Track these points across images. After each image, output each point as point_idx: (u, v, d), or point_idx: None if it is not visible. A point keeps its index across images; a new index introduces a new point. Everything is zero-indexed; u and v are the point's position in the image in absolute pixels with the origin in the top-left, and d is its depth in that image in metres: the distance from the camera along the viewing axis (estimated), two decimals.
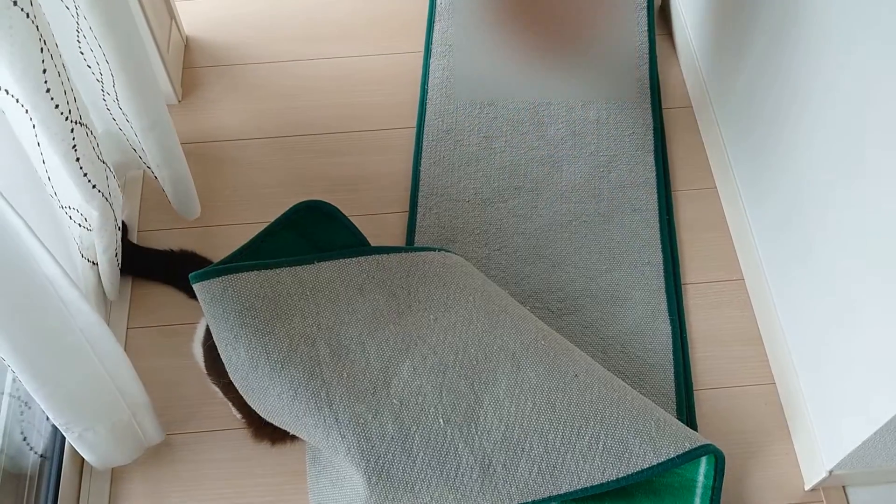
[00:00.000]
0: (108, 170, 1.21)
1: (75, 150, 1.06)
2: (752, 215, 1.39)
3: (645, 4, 1.75)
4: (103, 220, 1.19)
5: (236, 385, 1.19)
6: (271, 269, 1.24)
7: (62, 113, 1.01)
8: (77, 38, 1.21)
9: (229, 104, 1.67)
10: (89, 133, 1.11)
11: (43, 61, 0.94)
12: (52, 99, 0.98)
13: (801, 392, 1.24)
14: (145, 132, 1.29)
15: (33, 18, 0.91)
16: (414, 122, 1.63)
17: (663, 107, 1.64)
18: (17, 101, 1.06)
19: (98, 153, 1.16)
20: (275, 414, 1.18)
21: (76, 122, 1.05)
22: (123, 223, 1.41)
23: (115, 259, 1.30)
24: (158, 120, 1.29)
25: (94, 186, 1.12)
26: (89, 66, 1.26)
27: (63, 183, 1.22)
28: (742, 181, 1.43)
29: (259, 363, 1.16)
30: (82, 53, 1.23)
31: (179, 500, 1.24)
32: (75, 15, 1.14)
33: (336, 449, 1.12)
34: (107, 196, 1.18)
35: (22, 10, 0.89)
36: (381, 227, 1.49)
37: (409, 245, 1.47)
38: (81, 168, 1.08)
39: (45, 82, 0.96)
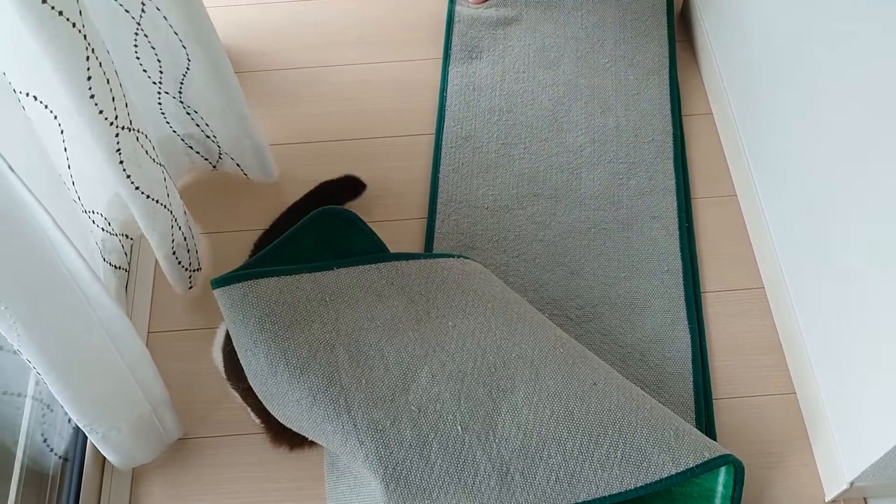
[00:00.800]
0: (164, 171, 1.23)
1: (119, 154, 1.08)
2: (772, 223, 1.39)
3: (665, 11, 1.75)
4: (148, 219, 1.20)
5: (255, 391, 1.20)
6: (291, 275, 1.25)
7: (107, 118, 1.03)
8: (135, 42, 1.23)
9: (253, 110, 1.68)
10: (140, 137, 1.13)
11: (88, 69, 0.96)
12: (96, 105, 1.00)
13: (821, 402, 1.23)
14: (224, 111, 1.33)
15: (80, 27, 0.93)
16: (433, 129, 1.64)
17: (683, 114, 1.64)
18: (46, 107, 1.08)
19: (153, 156, 1.18)
20: (294, 420, 1.19)
21: (122, 127, 1.07)
22: None
23: (174, 256, 1.31)
24: (235, 97, 1.33)
25: (137, 188, 1.14)
26: (145, 71, 1.28)
27: (89, 187, 1.24)
28: (763, 189, 1.42)
29: (278, 369, 1.17)
30: (138, 58, 1.26)
31: (198, 502, 1.25)
32: (137, 17, 1.16)
33: (354, 455, 1.13)
34: (157, 198, 1.20)
35: (67, 19, 0.90)
36: (399, 233, 1.50)
37: (428, 251, 1.47)
38: (125, 171, 1.10)
39: (90, 88, 0.98)
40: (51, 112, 1.09)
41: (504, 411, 1.16)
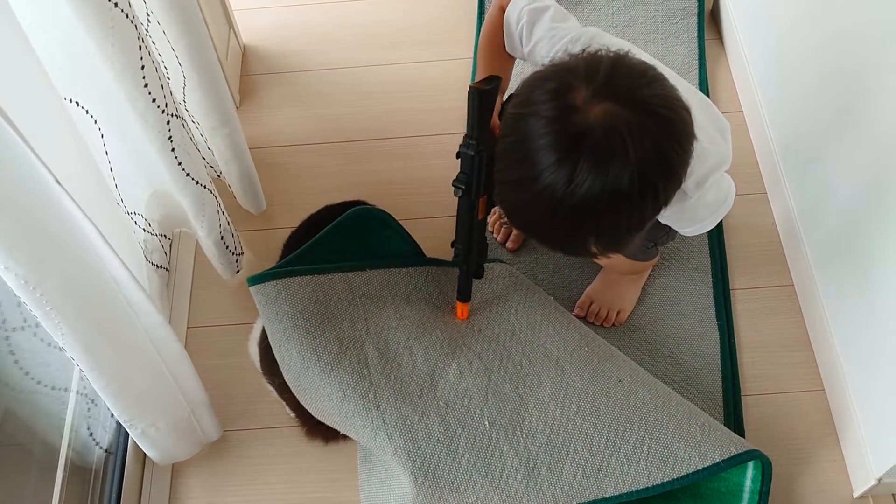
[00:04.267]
0: (204, 158, 1.25)
1: (171, 141, 1.11)
2: (802, 221, 1.39)
3: (696, 11, 1.75)
4: (198, 206, 1.23)
5: (289, 385, 1.23)
6: (324, 273, 1.28)
7: (158, 106, 1.06)
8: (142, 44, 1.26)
9: (285, 111, 1.71)
10: (185, 124, 1.16)
11: (141, 58, 0.99)
12: (149, 94, 1.03)
13: (850, 399, 1.23)
14: (215, 130, 1.34)
15: (132, 18, 0.96)
16: (463, 128, 1.65)
17: None
18: (87, 112, 1.11)
19: (195, 143, 1.21)
20: (325, 414, 1.22)
21: (171, 115, 1.10)
22: None
23: (222, 242, 1.34)
24: (227, 117, 1.34)
25: (188, 175, 1.17)
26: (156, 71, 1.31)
27: (129, 188, 1.27)
28: (793, 187, 1.42)
29: (310, 364, 1.20)
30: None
31: (236, 493, 1.29)
32: (145, 22, 1.19)
33: (384, 449, 1.16)
34: (204, 183, 1.23)
35: (122, 10, 0.93)
36: (431, 230, 1.51)
37: None
38: (177, 158, 1.13)
39: (143, 77, 1.01)
40: (91, 117, 1.13)
41: (531, 407, 1.18)
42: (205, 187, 1.23)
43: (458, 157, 1.11)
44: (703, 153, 1.06)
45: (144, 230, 1.34)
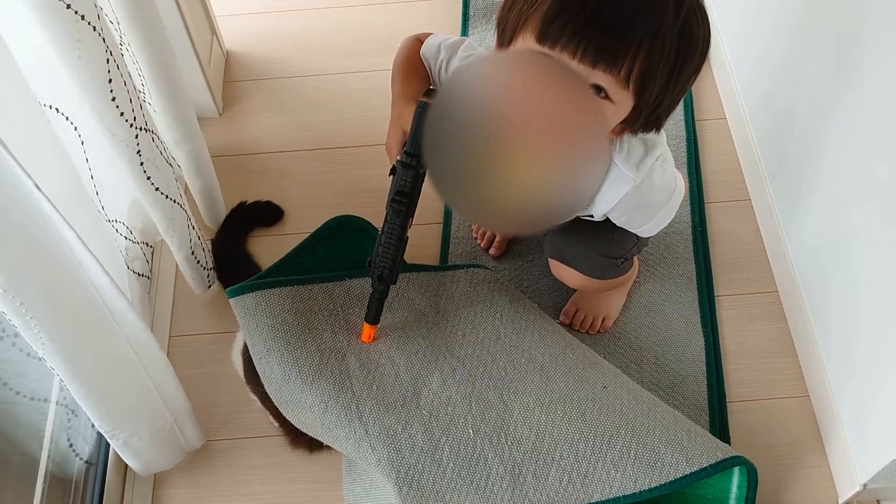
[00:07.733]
0: (173, 170, 1.24)
1: (140, 155, 1.10)
2: (786, 228, 1.39)
3: None
4: (168, 221, 1.22)
5: (271, 396, 1.22)
6: (303, 284, 1.27)
7: (127, 120, 1.04)
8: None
9: (268, 117, 1.71)
10: (155, 138, 1.15)
11: (109, 71, 0.98)
12: (117, 107, 1.02)
13: (834, 405, 1.23)
14: (178, 144, 1.33)
15: (100, 31, 0.95)
16: None
17: (697, 119, 1.65)
18: (67, 118, 1.10)
19: (166, 157, 1.20)
20: (308, 425, 1.21)
21: (140, 129, 1.08)
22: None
23: (193, 257, 1.32)
24: (190, 133, 1.33)
25: (157, 189, 1.16)
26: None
27: (110, 196, 1.26)
28: (777, 193, 1.43)
29: (291, 376, 1.18)
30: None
31: None
32: (117, 34, 1.18)
33: (367, 460, 1.14)
34: (174, 198, 1.22)
35: (89, 23, 0.92)
36: (415, 238, 1.49)
37: (444, 254, 1.49)
38: (145, 172, 1.12)
39: (111, 91, 1.00)
40: (71, 124, 1.11)
41: (515, 413, 1.17)
42: (175, 202, 1.22)
43: (391, 175, 1.11)
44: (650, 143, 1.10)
45: (126, 238, 1.32)
